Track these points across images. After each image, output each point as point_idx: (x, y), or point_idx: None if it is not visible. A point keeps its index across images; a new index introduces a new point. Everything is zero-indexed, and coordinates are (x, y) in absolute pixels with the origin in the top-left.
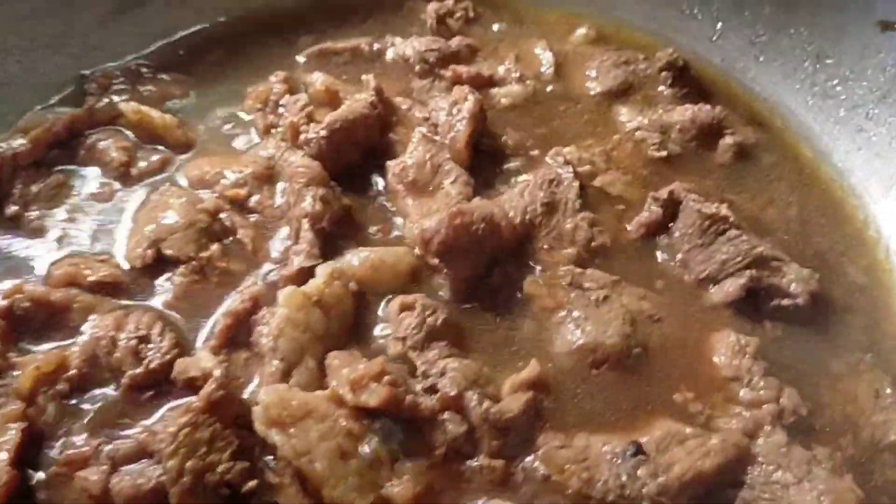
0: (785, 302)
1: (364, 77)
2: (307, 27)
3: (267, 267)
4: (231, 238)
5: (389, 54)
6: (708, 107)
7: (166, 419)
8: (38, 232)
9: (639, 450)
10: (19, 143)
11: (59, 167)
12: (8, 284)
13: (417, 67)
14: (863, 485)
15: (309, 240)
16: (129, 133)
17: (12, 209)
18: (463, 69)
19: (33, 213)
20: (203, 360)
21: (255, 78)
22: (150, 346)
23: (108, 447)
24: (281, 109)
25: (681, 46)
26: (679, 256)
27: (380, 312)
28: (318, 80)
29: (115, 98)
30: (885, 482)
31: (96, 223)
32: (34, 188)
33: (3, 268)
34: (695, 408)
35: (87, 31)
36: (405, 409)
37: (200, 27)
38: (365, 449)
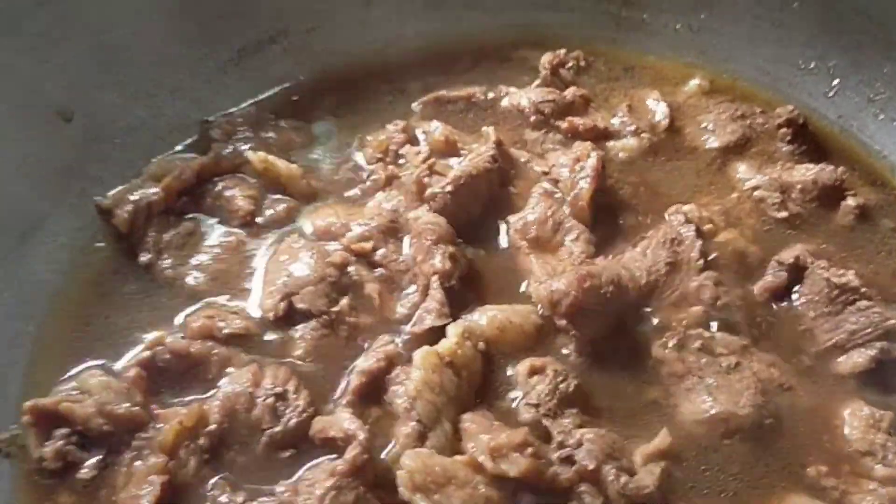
0: None
1: (484, 129)
2: (414, 75)
3: (396, 323)
4: (358, 292)
5: (504, 103)
6: (830, 167)
7: (306, 479)
8: (170, 280)
9: None
10: (153, 191)
11: (189, 215)
12: (149, 335)
13: (532, 118)
14: None
15: (438, 299)
16: (252, 181)
17: (146, 257)
18: (579, 121)
19: (166, 262)
20: (344, 420)
21: (371, 125)
22: (287, 403)
23: None
24: (401, 160)
25: (795, 100)
26: (805, 323)
27: (507, 371)
28: (437, 130)
29: (241, 146)
30: None
31: (226, 272)
32: (166, 236)
33: (139, 317)
34: (828, 482)
35: (209, 78)
36: (545, 481)
37: (313, 74)
38: None
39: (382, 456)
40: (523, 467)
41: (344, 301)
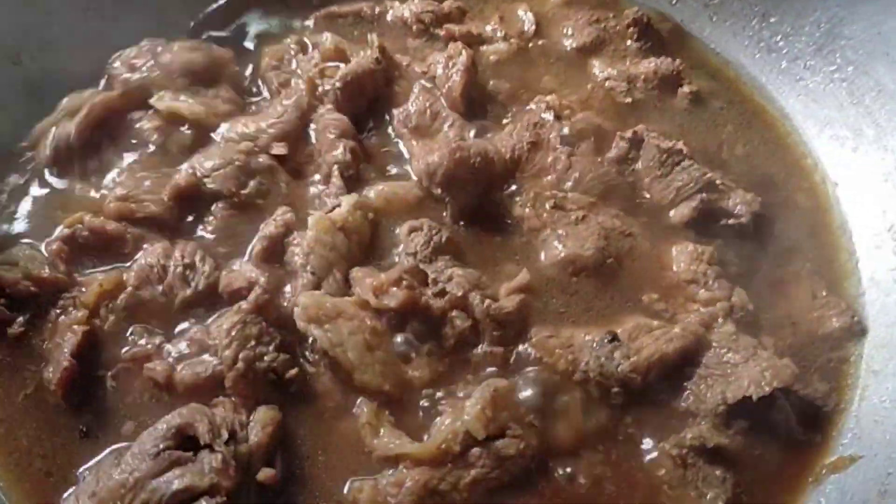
0: (731, 221)
1: (369, 36)
2: None
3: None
4: (265, 177)
5: (388, 16)
6: (668, 59)
7: (216, 322)
8: (95, 182)
9: (614, 337)
10: (69, 126)
11: (106, 143)
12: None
13: (414, 27)
14: (799, 365)
15: (338, 185)
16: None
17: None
18: (455, 28)
19: (92, 166)
20: (247, 271)
21: (267, 41)
22: (195, 271)
23: (167, 345)
24: (294, 66)
25: (645, 8)
26: (643, 185)
27: (392, 236)
28: (327, 39)
29: (146, 75)
30: (818, 365)
31: (144, 176)
32: (89, 163)
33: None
34: (660, 306)
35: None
36: (420, 309)
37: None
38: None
39: (284, 305)
40: (401, 298)
41: (252, 183)
